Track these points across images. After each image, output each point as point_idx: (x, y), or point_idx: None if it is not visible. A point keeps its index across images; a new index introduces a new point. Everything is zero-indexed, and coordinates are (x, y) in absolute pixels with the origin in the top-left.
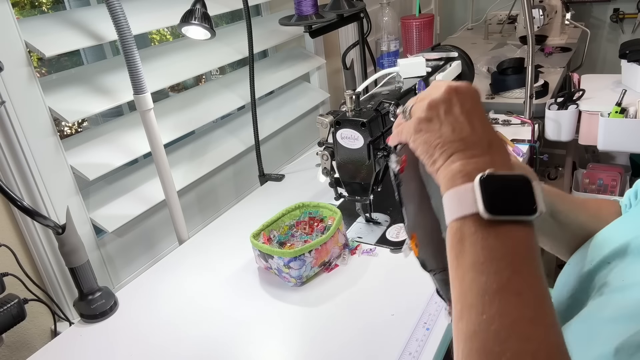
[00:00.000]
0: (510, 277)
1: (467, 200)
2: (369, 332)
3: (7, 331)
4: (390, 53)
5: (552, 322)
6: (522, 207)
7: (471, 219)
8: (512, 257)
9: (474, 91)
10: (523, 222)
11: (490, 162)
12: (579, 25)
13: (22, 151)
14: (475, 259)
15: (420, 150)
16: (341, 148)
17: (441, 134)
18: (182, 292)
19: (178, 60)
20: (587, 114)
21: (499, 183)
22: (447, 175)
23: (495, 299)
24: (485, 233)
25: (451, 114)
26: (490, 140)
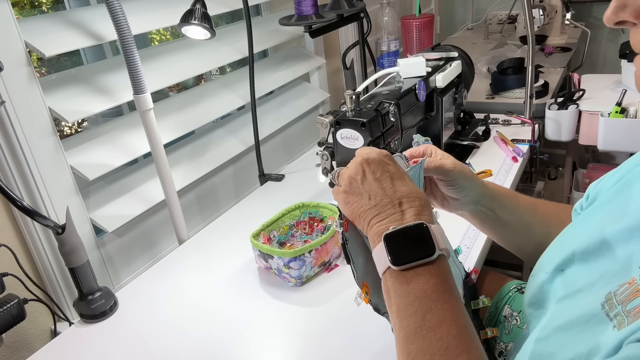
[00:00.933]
0: (424, 316)
1: (382, 257)
2: (369, 333)
3: (7, 331)
4: (390, 53)
5: (467, 348)
6: (421, 251)
7: (388, 273)
8: (422, 298)
9: (382, 158)
10: (427, 264)
11: (400, 218)
12: (579, 25)
13: (22, 151)
14: (397, 306)
15: (350, 219)
16: (341, 148)
17: (361, 204)
18: (182, 292)
19: (178, 60)
20: (587, 114)
21: (400, 236)
22: (370, 239)
23: (415, 338)
24: (398, 282)
25: (365, 183)
26: (400, 197)
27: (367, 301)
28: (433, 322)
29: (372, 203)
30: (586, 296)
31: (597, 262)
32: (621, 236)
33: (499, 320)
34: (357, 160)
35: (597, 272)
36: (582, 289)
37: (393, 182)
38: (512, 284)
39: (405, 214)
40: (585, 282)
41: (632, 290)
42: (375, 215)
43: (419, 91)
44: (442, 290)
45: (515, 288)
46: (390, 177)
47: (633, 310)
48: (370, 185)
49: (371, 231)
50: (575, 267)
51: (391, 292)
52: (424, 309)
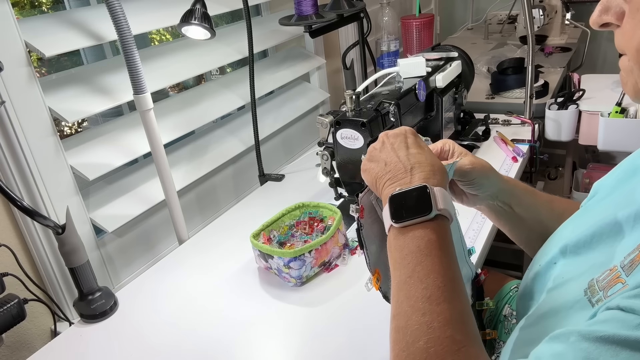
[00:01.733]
0: (414, 267)
1: (386, 216)
2: (369, 333)
3: (7, 331)
4: (390, 53)
5: (449, 298)
6: (418, 210)
7: (391, 230)
8: (415, 251)
9: (402, 131)
10: (424, 222)
11: (409, 181)
12: (579, 25)
13: (22, 151)
14: (394, 259)
15: (369, 185)
16: (341, 148)
17: (377, 170)
18: (182, 292)
19: (178, 60)
20: (587, 114)
21: (402, 197)
22: (383, 202)
23: (404, 287)
24: (397, 238)
25: (383, 151)
26: (412, 163)
27: (377, 287)
28: (421, 274)
29: (387, 169)
30: (572, 285)
31: (587, 254)
32: (611, 228)
33: (499, 320)
34: (381, 134)
35: (586, 263)
36: (570, 280)
37: (408, 150)
38: (512, 283)
39: (414, 177)
40: (574, 273)
41: (612, 276)
42: (388, 179)
43: (419, 91)
44: (435, 247)
45: (516, 288)
46: (406, 146)
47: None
48: (387, 153)
49: (383, 194)
50: (566, 260)
51: (391, 247)
52: (415, 262)
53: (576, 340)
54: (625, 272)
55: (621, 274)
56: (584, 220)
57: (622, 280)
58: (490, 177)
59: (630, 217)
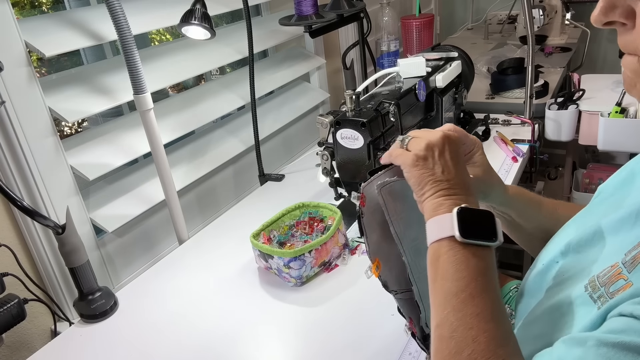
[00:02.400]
0: (468, 283)
1: (446, 226)
2: (368, 332)
3: (7, 331)
4: (390, 53)
5: (495, 318)
6: (486, 235)
7: (447, 240)
8: (472, 270)
9: (460, 141)
10: (484, 246)
11: (466, 200)
12: (579, 25)
13: (22, 151)
14: (445, 270)
15: (413, 182)
16: (341, 148)
17: (433, 172)
18: (182, 292)
19: (178, 60)
20: (587, 114)
21: (471, 215)
22: (432, 206)
23: (454, 299)
24: (456, 251)
25: (443, 157)
26: (467, 184)
27: (377, 275)
28: (474, 291)
29: (445, 177)
30: (573, 282)
31: (589, 252)
32: (613, 226)
33: None
34: (439, 134)
35: (587, 260)
36: (571, 277)
37: (464, 166)
38: (512, 284)
39: (470, 200)
40: (575, 271)
41: (613, 272)
42: (445, 189)
43: (419, 91)
44: (489, 269)
45: (516, 288)
46: (461, 162)
47: (616, 292)
48: (446, 161)
49: (435, 200)
50: (568, 258)
51: (442, 258)
52: (470, 278)
53: (594, 344)
54: (627, 269)
55: (622, 270)
56: (586, 219)
57: (625, 277)
58: (494, 190)
59: (632, 215)
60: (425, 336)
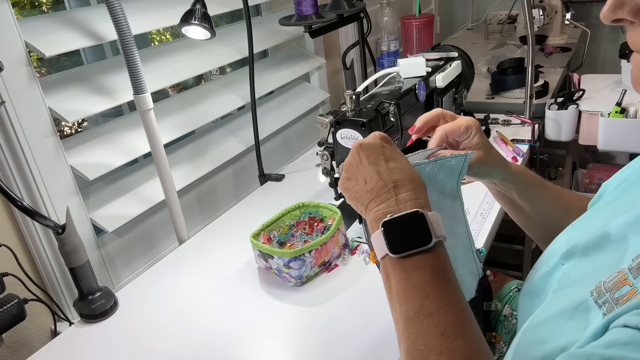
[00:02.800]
0: (422, 302)
1: (380, 244)
2: (369, 332)
3: (7, 331)
4: (390, 53)
5: (462, 331)
6: (418, 240)
7: (387, 259)
8: (420, 284)
9: (376, 140)
10: (425, 251)
11: (395, 203)
12: (579, 25)
13: (22, 151)
14: (397, 291)
15: (351, 205)
16: (341, 148)
17: (358, 189)
18: (182, 292)
19: (178, 60)
20: (587, 114)
21: (396, 225)
22: (369, 223)
23: (415, 323)
24: (397, 269)
25: (361, 167)
26: (394, 181)
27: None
28: (430, 308)
29: (368, 187)
30: (578, 286)
31: (595, 256)
32: (619, 230)
33: (499, 320)
34: (353, 146)
35: (593, 265)
36: (576, 281)
37: (387, 164)
38: (512, 284)
39: (400, 199)
40: (580, 275)
41: (619, 278)
42: (372, 200)
43: (419, 91)
44: (439, 277)
45: (516, 288)
46: (385, 160)
47: (622, 297)
48: (365, 169)
49: (369, 216)
50: (574, 261)
51: (390, 277)
52: (422, 296)
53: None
54: (633, 275)
55: (629, 276)
56: (592, 222)
57: (630, 283)
58: (495, 169)
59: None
60: None
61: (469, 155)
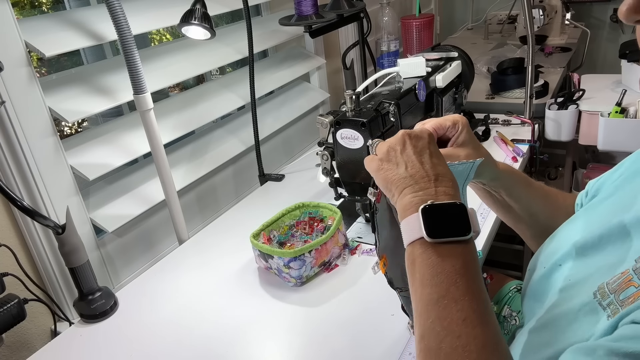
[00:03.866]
0: (448, 288)
1: (414, 227)
2: (369, 333)
3: (7, 331)
4: (390, 53)
5: (484, 321)
6: (457, 229)
7: (419, 243)
8: (450, 271)
9: (425, 134)
10: (459, 242)
11: (434, 193)
12: (579, 25)
13: (22, 151)
14: (422, 275)
15: (381, 186)
16: (341, 148)
17: (396, 172)
18: (182, 292)
19: (178, 60)
20: (587, 114)
21: (438, 211)
22: (400, 207)
23: (436, 307)
24: (429, 253)
25: (405, 154)
26: (436, 174)
27: (384, 272)
28: (456, 295)
29: (408, 173)
30: (581, 288)
31: (595, 257)
32: (621, 230)
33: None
34: (400, 133)
35: (594, 265)
36: (578, 282)
37: (431, 158)
38: (512, 284)
39: (439, 191)
40: (582, 276)
41: (624, 279)
42: (410, 185)
43: (419, 91)
44: (469, 268)
45: (515, 288)
46: (430, 154)
47: (627, 299)
48: (409, 156)
49: (403, 200)
50: (573, 262)
51: (417, 261)
52: (449, 282)
53: (604, 354)
54: (638, 276)
55: (633, 277)
56: (590, 221)
57: (635, 284)
58: (485, 168)
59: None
60: None
61: (476, 162)
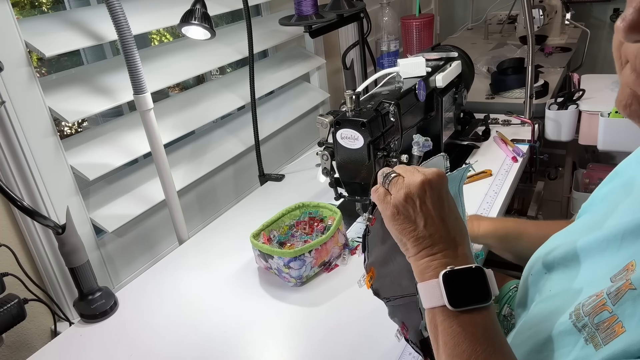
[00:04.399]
0: (469, 356)
1: (435, 294)
2: (369, 333)
3: (7, 331)
4: (390, 53)
5: None
6: (478, 296)
7: (440, 309)
8: (471, 340)
9: (444, 183)
10: (481, 308)
11: (453, 255)
12: (579, 25)
13: (22, 151)
14: (445, 342)
15: (394, 235)
16: (341, 148)
17: (414, 228)
18: (182, 292)
19: (178, 60)
20: (587, 114)
21: (458, 278)
22: (418, 268)
23: None
24: (450, 321)
25: (425, 206)
26: (455, 235)
27: (369, 286)
28: None
29: (427, 232)
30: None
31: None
32: (599, 245)
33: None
34: (420, 181)
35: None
36: (556, 295)
37: (450, 214)
38: (511, 283)
39: (459, 251)
40: (560, 289)
41: (597, 303)
42: (429, 246)
43: (419, 91)
44: (490, 332)
45: (515, 288)
46: (448, 207)
47: (602, 324)
48: (428, 212)
49: (421, 261)
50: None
51: (439, 328)
52: (470, 351)
53: None
54: (612, 300)
55: (607, 301)
56: (574, 232)
57: (609, 309)
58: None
59: (617, 237)
60: (422, 340)
61: (467, 167)
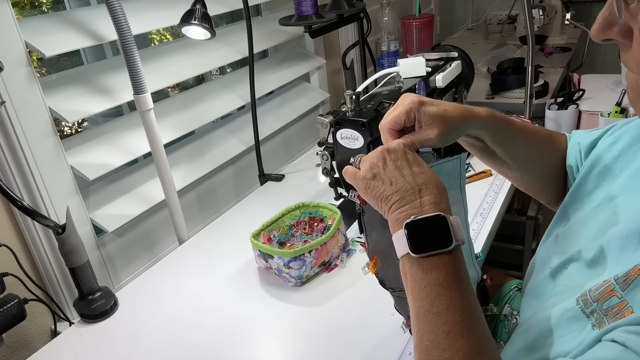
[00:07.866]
0: (432, 301)
1: (402, 243)
2: (368, 333)
3: (7, 331)
4: (390, 53)
5: (467, 332)
6: (439, 242)
7: (406, 258)
8: (433, 285)
9: (402, 147)
10: (443, 253)
11: (419, 205)
12: (579, 25)
13: (22, 151)
14: (412, 288)
15: (372, 204)
16: (341, 148)
17: (383, 189)
18: (182, 292)
19: (178, 60)
20: (587, 114)
21: (420, 226)
22: (390, 222)
23: (423, 320)
24: (414, 268)
25: (387, 168)
26: (419, 184)
27: (374, 272)
28: (440, 308)
29: (394, 189)
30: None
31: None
32: (618, 243)
33: (499, 320)
34: (379, 149)
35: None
36: (570, 288)
37: (412, 169)
38: (512, 283)
39: (424, 202)
40: (576, 282)
41: (606, 289)
42: (397, 201)
43: (419, 91)
44: (453, 279)
45: (516, 287)
46: (409, 165)
47: (611, 309)
48: (391, 172)
49: (392, 216)
50: (574, 267)
51: (407, 275)
52: (434, 295)
53: None
54: (620, 286)
55: (615, 286)
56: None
57: (618, 294)
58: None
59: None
60: None
61: (462, 156)
